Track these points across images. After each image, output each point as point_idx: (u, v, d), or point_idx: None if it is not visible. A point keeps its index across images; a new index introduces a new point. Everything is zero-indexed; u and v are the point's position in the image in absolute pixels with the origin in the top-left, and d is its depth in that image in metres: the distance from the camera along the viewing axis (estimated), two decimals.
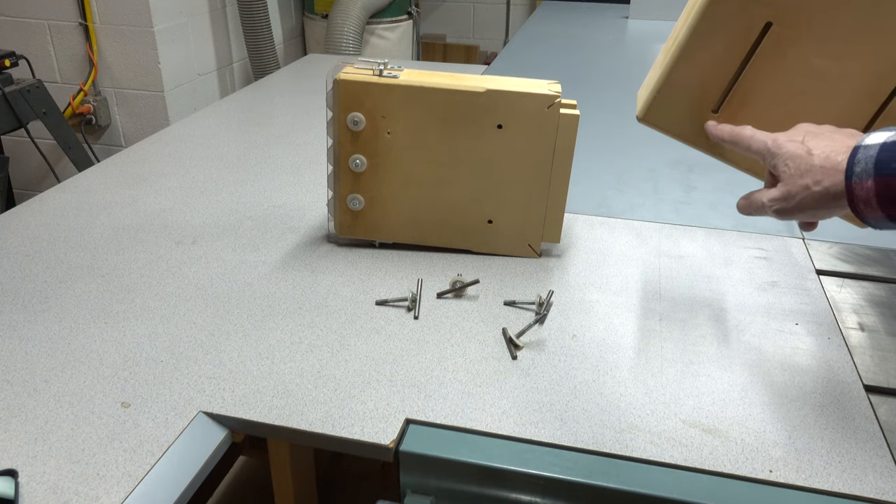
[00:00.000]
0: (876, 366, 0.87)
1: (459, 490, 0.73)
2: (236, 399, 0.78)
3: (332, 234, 1.10)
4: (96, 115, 2.68)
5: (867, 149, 0.64)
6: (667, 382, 0.82)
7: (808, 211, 0.70)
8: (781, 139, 0.73)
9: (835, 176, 0.66)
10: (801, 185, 0.69)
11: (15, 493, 0.65)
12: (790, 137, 0.72)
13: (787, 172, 0.71)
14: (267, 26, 2.98)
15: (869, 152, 0.64)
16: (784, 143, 0.72)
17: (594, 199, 1.28)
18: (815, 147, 0.69)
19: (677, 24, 0.83)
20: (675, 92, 0.81)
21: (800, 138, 0.71)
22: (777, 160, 0.72)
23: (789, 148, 0.71)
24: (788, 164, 0.71)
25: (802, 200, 0.70)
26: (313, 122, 1.64)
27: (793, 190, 0.70)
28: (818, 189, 0.68)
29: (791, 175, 0.70)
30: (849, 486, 0.69)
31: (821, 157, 0.68)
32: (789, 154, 0.71)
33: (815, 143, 0.70)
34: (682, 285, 1.02)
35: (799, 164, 0.70)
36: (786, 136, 0.73)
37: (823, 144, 0.69)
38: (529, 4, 4.19)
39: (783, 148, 0.72)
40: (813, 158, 0.69)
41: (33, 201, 1.23)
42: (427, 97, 0.99)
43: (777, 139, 0.73)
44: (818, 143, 0.69)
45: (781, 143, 0.72)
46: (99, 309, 0.93)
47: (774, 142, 0.73)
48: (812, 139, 0.70)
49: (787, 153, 0.71)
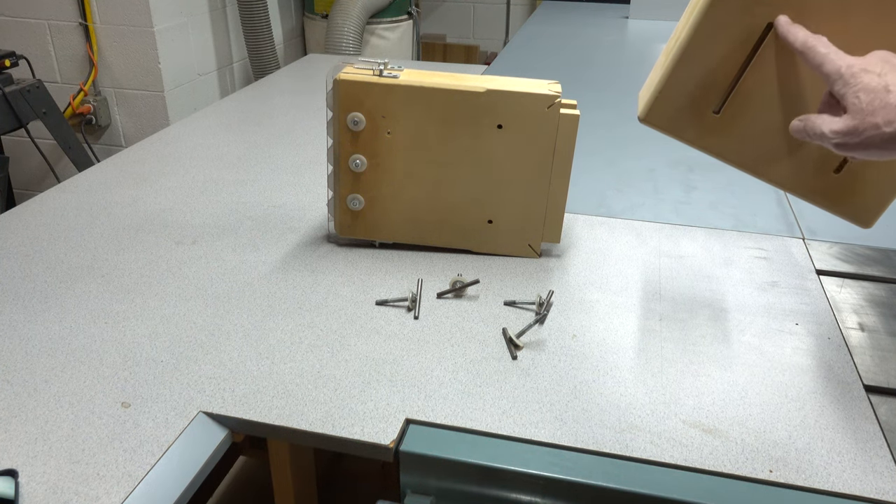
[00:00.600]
0: (876, 366, 0.87)
1: (459, 490, 0.73)
2: (236, 399, 0.78)
3: (332, 234, 1.10)
4: (96, 115, 2.68)
5: None
6: (667, 382, 0.82)
7: (872, 150, 0.67)
8: (857, 67, 0.67)
9: None
10: (872, 122, 0.65)
11: (15, 493, 0.65)
12: (867, 67, 0.67)
13: (856, 105, 0.66)
14: (267, 26, 2.98)
15: None
16: (859, 73, 0.67)
17: (594, 199, 1.28)
18: (894, 82, 0.65)
19: (679, 24, 0.82)
20: (676, 92, 0.81)
21: (877, 69, 0.66)
22: (848, 90, 0.67)
23: (865, 79, 0.66)
24: (860, 97, 0.66)
25: (869, 139, 0.66)
26: (313, 122, 1.64)
27: (861, 126, 0.66)
28: (890, 130, 0.64)
29: (861, 109, 0.66)
30: (849, 486, 0.69)
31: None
32: (864, 86, 0.66)
33: (894, 78, 0.65)
34: (682, 285, 1.02)
35: (872, 100, 0.65)
36: (862, 65, 0.68)
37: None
38: (529, 4, 4.19)
39: (858, 78, 0.67)
40: (890, 96, 0.64)
41: (33, 201, 1.23)
42: (427, 97, 0.99)
43: (853, 66, 0.67)
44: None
45: (857, 73, 0.67)
46: (99, 309, 0.93)
47: (849, 69, 0.67)
48: (890, 74, 0.66)
49: (861, 85, 0.66)
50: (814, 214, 1.17)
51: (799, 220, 1.22)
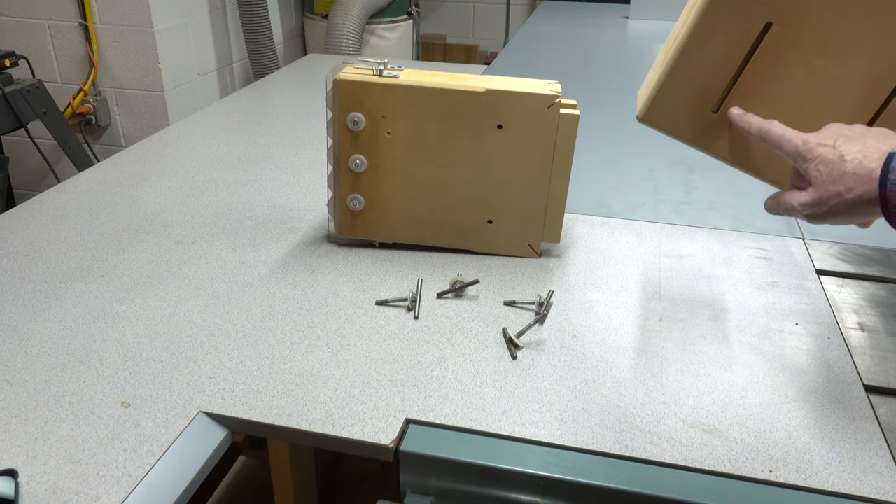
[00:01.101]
0: (876, 366, 0.87)
1: (459, 490, 0.73)
2: (236, 399, 0.78)
3: (332, 234, 1.10)
4: (96, 115, 2.68)
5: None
6: (667, 382, 0.82)
7: (840, 217, 0.70)
8: (813, 142, 0.72)
9: (868, 184, 0.66)
10: (834, 191, 0.69)
11: (15, 493, 0.65)
12: (821, 140, 0.71)
13: (818, 178, 0.70)
14: (267, 26, 2.98)
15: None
16: (815, 147, 0.71)
17: (594, 199, 1.28)
18: (848, 152, 0.68)
19: (677, 24, 0.83)
20: (675, 92, 0.81)
21: (831, 142, 0.70)
22: (808, 164, 0.71)
23: (821, 152, 0.70)
24: (820, 170, 0.70)
25: (834, 207, 0.69)
26: (313, 122, 1.64)
27: (824, 196, 0.70)
28: (851, 196, 0.67)
29: (823, 181, 0.70)
30: (849, 486, 0.69)
31: (853, 163, 0.67)
32: (821, 159, 0.70)
33: (848, 148, 0.69)
34: (682, 285, 1.02)
35: (831, 170, 0.69)
36: (817, 139, 0.72)
37: (856, 149, 0.68)
38: (529, 4, 4.19)
39: (814, 152, 0.71)
40: (845, 164, 0.68)
41: (33, 201, 1.23)
42: (427, 97, 0.99)
43: (808, 141, 0.72)
44: (850, 148, 0.69)
45: (812, 147, 0.71)
46: (99, 309, 0.93)
47: (805, 144, 0.72)
48: (844, 143, 0.69)
49: (818, 157, 0.70)
50: None
51: (799, 220, 1.22)
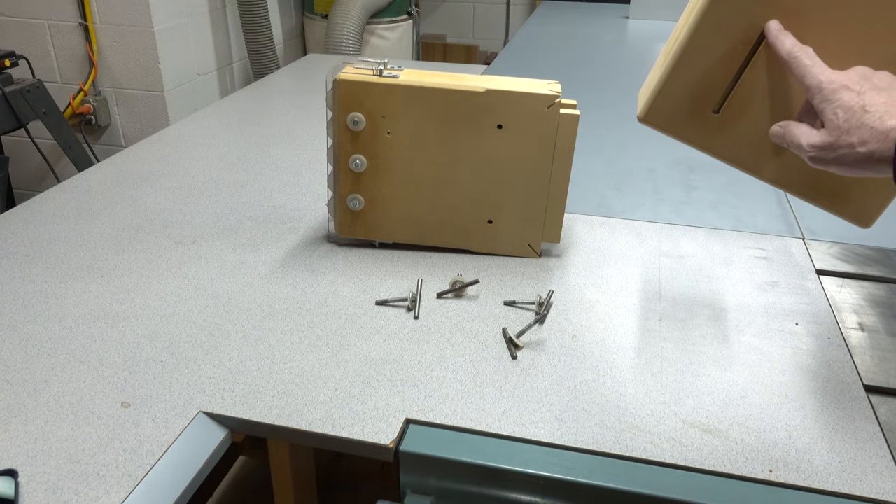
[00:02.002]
0: (876, 366, 0.87)
1: (459, 490, 0.73)
2: (236, 399, 0.78)
3: (332, 234, 1.10)
4: (96, 115, 2.68)
5: None
6: (667, 382, 0.82)
7: (845, 167, 0.68)
8: (837, 83, 0.69)
9: (884, 142, 0.64)
10: (847, 141, 0.66)
11: (15, 493, 0.65)
12: (847, 83, 0.68)
13: (834, 122, 0.67)
14: (267, 26, 2.98)
15: None
16: (839, 90, 0.68)
17: (594, 199, 1.28)
18: (871, 103, 0.66)
19: (678, 24, 0.82)
20: (675, 92, 0.81)
21: (857, 87, 0.68)
22: (827, 105, 0.68)
23: (844, 97, 0.67)
24: (838, 114, 0.67)
25: (843, 156, 0.67)
26: (313, 122, 1.64)
27: (836, 143, 0.67)
28: (863, 150, 0.65)
29: (838, 127, 0.67)
30: (849, 486, 0.69)
31: (874, 115, 0.65)
32: (842, 103, 0.67)
33: (872, 98, 0.66)
34: (682, 285, 1.02)
35: (849, 118, 0.66)
36: (842, 81, 0.69)
37: (880, 101, 0.66)
38: (529, 4, 4.19)
39: (837, 94, 0.68)
40: (865, 116, 0.65)
41: (33, 201, 1.23)
42: (427, 97, 0.99)
43: (833, 82, 0.69)
44: (875, 99, 0.66)
45: (837, 89, 0.68)
46: (99, 309, 0.93)
47: (830, 84, 0.69)
48: (869, 92, 0.67)
49: (840, 101, 0.67)
50: (814, 214, 1.17)
51: (799, 220, 1.22)
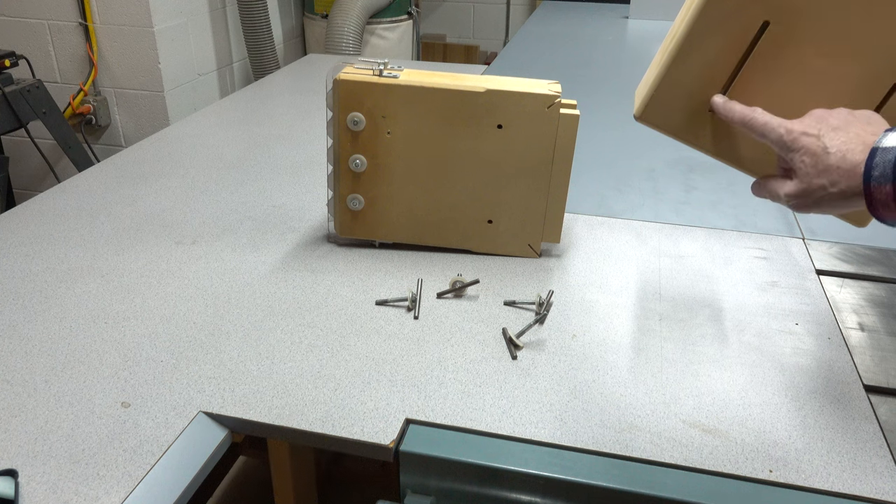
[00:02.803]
0: (876, 366, 0.87)
1: (459, 490, 0.73)
2: (236, 399, 0.78)
3: (332, 234, 1.10)
4: (96, 115, 2.68)
5: (885, 152, 0.64)
6: (667, 382, 0.82)
7: (825, 209, 0.71)
8: (797, 131, 0.71)
9: (852, 179, 0.66)
10: (818, 184, 0.69)
11: (15, 493, 0.65)
12: (805, 130, 0.71)
13: (802, 169, 0.70)
14: (267, 26, 2.98)
15: (887, 156, 0.63)
16: (799, 137, 0.71)
17: (594, 199, 1.28)
18: (832, 144, 0.68)
19: (675, 23, 0.82)
20: (672, 91, 0.81)
21: (815, 131, 0.70)
22: (793, 154, 0.71)
23: (804, 143, 0.70)
24: (805, 161, 0.70)
25: (819, 199, 0.70)
26: (313, 122, 1.64)
27: (809, 188, 0.70)
28: (835, 190, 0.68)
29: (807, 173, 0.70)
30: (849, 486, 0.69)
31: (837, 156, 0.67)
32: (805, 149, 0.70)
33: (832, 139, 0.69)
34: (682, 285, 1.02)
35: (816, 163, 0.69)
36: (801, 128, 0.71)
37: (840, 141, 0.68)
38: (529, 4, 4.19)
39: (798, 142, 0.71)
40: (829, 157, 0.68)
41: (33, 201, 1.23)
42: (427, 97, 0.99)
43: (792, 131, 0.72)
44: (834, 140, 0.68)
45: (797, 137, 0.71)
46: (99, 309, 0.93)
47: (789, 133, 0.72)
48: (828, 133, 0.69)
49: (802, 148, 0.70)
50: (813, 215, 1.17)
51: (799, 220, 1.22)
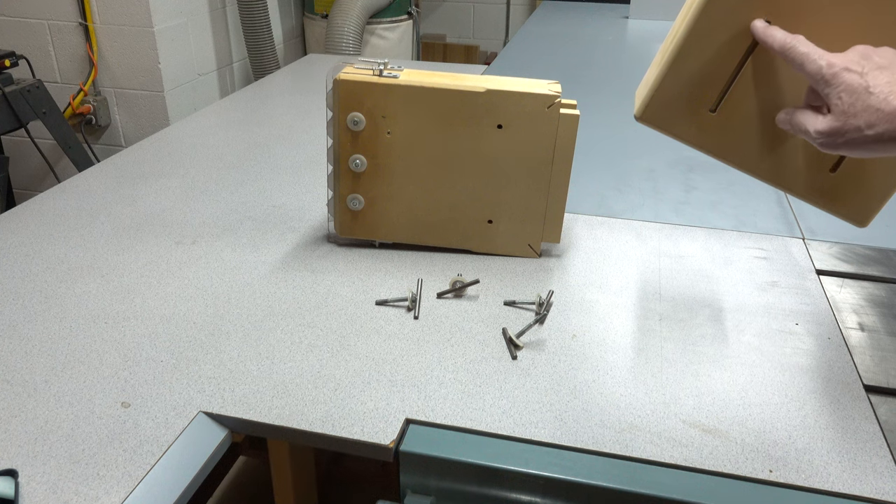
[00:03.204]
0: (876, 366, 0.87)
1: (459, 490, 0.73)
2: (236, 399, 0.78)
3: (332, 234, 1.10)
4: (96, 115, 2.68)
5: None
6: (667, 382, 0.82)
7: (856, 149, 0.67)
8: (838, 65, 0.67)
9: (892, 123, 0.63)
10: (854, 125, 0.65)
11: (15, 493, 0.65)
12: (848, 65, 0.67)
13: (839, 107, 0.66)
14: (267, 26, 2.98)
15: None
16: (841, 73, 0.67)
17: (594, 199, 1.28)
18: (875, 83, 0.65)
19: (675, 22, 0.82)
20: (672, 91, 0.81)
21: (858, 68, 0.66)
22: (831, 90, 0.67)
23: (846, 79, 0.66)
24: (842, 98, 0.66)
25: (852, 140, 0.66)
26: (313, 122, 1.64)
27: (843, 128, 0.66)
28: (871, 133, 0.64)
29: (844, 111, 0.66)
30: (849, 486, 0.69)
31: (879, 97, 0.64)
32: (846, 86, 0.66)
33: (875, 78, 0.65)
34: (682, 285, 1.02)
35: (854, 101, 0.65)
36: (843, 63, 0.67)
37: (884, 81, 0.65)
38: (529, 4, 4.19)
39: (839, 77, 0.67)
40: (870, 97, 0.64)
41: (33, 201, 1.23)
42: (427, 97, 0.99)
43: (834, 65, 0.68)
44: (878, 79, 0.65)
45: (838, 72, 0.67)
46: (99, 309, 0.93)
47: (830, 67, 0.67)
48: (872, 71, 0.66)
49: (842, 84, 0.66)
50: (814, 214, 1.17)
51: (799, 220, 1.22)
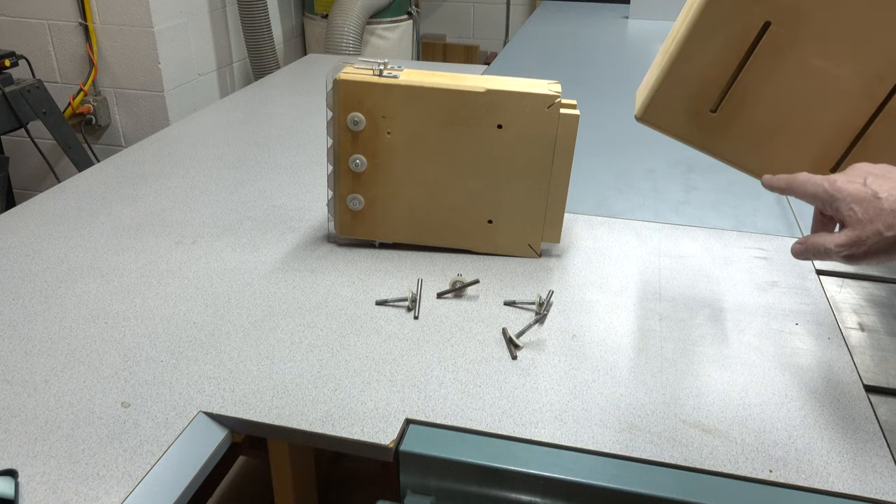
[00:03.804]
0: (876, 366, 0.87)
1: (459, 490, 0.73)
2: (236, 399, 0.78)
3: (332, 234, 1.10)
4: (96, 115, 2.68)
5: None
6: (667, 382, 0.82)
7: (880, 256, 0.68)
8: (840, 181, 0.70)
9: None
10: (873, 230, 0.67)
11: (15, 493, 0.65)
12: (849, 179, 0.70)
13: (853, 217, 0.68)
14: (267, 26, 2.98)
15: None
16: (844, 186, 0.69)
17: (594, 199, 1.28)
18: (882, 189, 0.67)
19: (676, 23, 0.83)
20: (673, 91, 0.81)
21: (860, 180, 0.69)
22: (839, 203, 0.69)
23: (851, 190, 0.69)
24: (854, 209, 0.68)
25: (874, 246, 0.67)
26: (313, 122, 1.64)
27: (863, 235, 0.68)
28: (891, 234, 0.66)
29: (859, 220, 0.68)
30: (849, 486, 0.69)
31: (889, 199, 0.66)
32: (853, 197, 0.68)
33: (880, 185, 0.67)
34: (682, 285, 1.02)
35: (867, 209, 0.67)
36: (844, 178, 0.70)
37: (889, 186, 0.67)
38: (529, 4, 4.19)
39: (844, 191, 0.69)
40: (882, 202, 0.66)
41: (33, 201, 1.23)
42: (427, 97, 0.99)
43: (835, 182, 0.70)
44: (883, 185, 0.67)
45: (841, 186, 0.69)
46: (99, 309, 0.93)
47: (833, 185, 0.70)
48: (875, 181, 0.68)
49: (850, 196, 0.69)
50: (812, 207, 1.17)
51: (799, 220, 1.22)
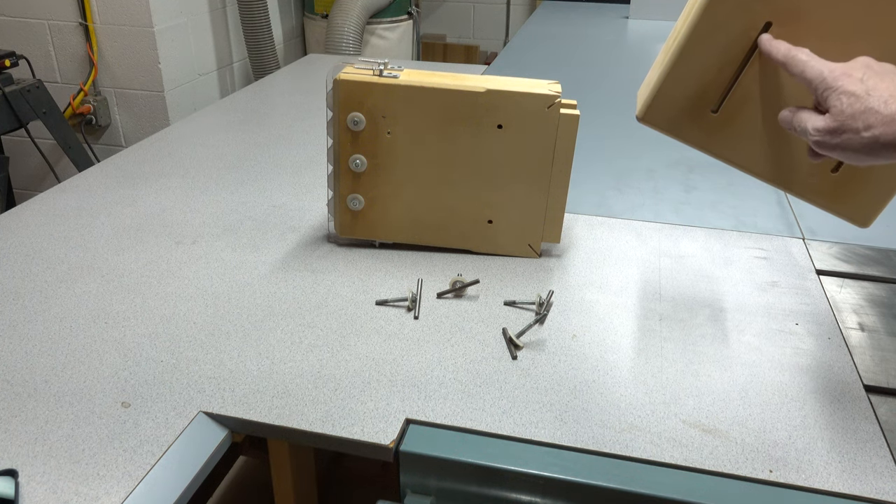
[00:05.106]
0: (876, 366, 0.87)
1: (459, 490, 0.73)
2: (236, 399, 0.78)
3: (332, 234, 1.10)
4: (96, 115, 2.68)
5: None
6: (667, 382, 0.82)
7: (849, 153, 0.67)
8: (839, 71, 0.68)
9: (889, 125, 0.63)
10: (851, 126, 0.65)
11: (15, 493, 0.65)
12: (849, 71, 0.68)
13: (837, 108, 0.66)
14: (267, 26, 2.98)
15: None
16: (841, 77, 0.67)
17: (594, 199, 1.28)
18: (874, 88, 0.65)
19: (677, 23, 0.82)
20: (674, 91, 0.81)
21: (859, 74, 0.67)
22: (830, 93, 0.67)
23: (846, 83, 0.67)
24: (842, 100, 0.66)
25: (847, 141, 0.66)
26: (313, 122, 1.64)
27: (840, 127, 0.66)
28: (867, 135, 0.64)
29: (842, 111, 0.66)
30: (849, 486, 0.69)
31: (878, 100, 0.64)
32: (844, 89, 0.67)
33: (875, 84, 0.66)
34: (682, 285, 1.02)
35: (853, 103, 0.66)
36: (844, 69, 0.68)
37: (884, 87, 0.65)
38: (529, 4, 4.19)
39: (839, 81, 0.67)
40: (869, 100, 0.65)
41: (33, 201, 1.23)
42: (427, 97, 0.99)
43: (834, 70, 0.68)
44: (878, 84, 0.65)
45: (839, 76, 0.67)
46: (99, 309, 0.93)
47: (831, 73, 0.68)
48: (872, 78, 0.66)
49: (842, 87, 0.67)
50: (814, 214, 1.17)
51: (799, 220, 1.22)
